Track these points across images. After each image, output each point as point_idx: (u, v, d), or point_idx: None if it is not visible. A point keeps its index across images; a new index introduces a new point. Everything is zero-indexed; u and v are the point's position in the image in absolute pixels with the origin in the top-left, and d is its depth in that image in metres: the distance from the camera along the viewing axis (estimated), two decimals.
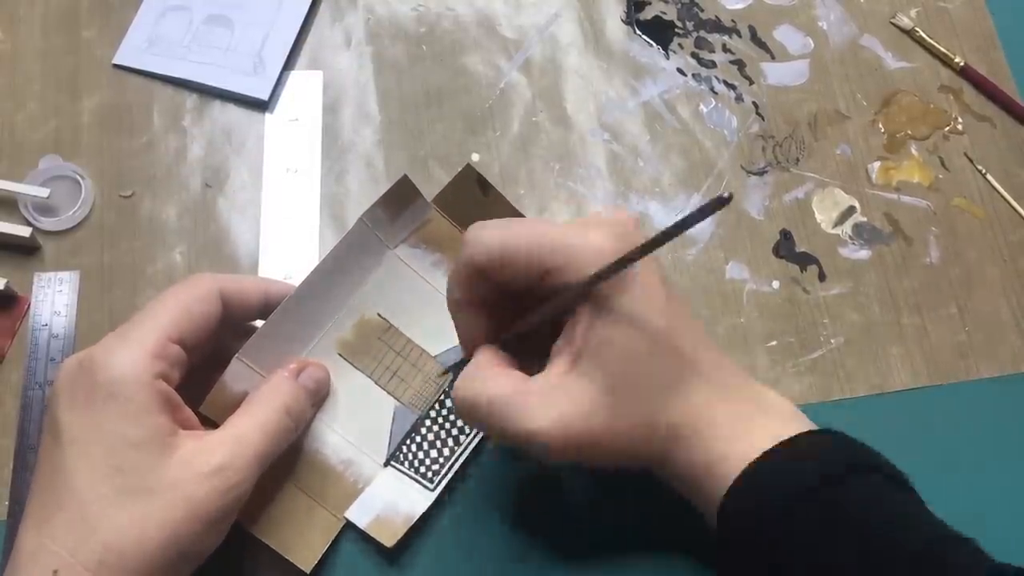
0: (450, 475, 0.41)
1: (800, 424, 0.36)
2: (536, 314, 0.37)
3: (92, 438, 0.33)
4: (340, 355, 0.42)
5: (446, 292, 0.38)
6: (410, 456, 0.42)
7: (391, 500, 0.41)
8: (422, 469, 0.41)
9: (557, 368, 0.35)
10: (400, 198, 0.42)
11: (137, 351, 0.34)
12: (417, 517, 0.40)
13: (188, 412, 0.37)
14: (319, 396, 0.41)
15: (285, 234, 0.46)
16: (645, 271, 0.35)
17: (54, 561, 0.32)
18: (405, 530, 0.40)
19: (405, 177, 0.42)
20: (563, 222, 0.36)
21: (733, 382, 0.37)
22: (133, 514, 0.33)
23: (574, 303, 0.35)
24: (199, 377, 0.38)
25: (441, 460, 0.41)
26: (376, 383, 0.42)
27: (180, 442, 0.34)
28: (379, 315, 0.43)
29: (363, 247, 0.42)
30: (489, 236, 0.35)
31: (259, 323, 0.40)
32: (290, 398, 0.39)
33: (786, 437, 0.34)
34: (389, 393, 0.42)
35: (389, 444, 0.42)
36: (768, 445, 0.34)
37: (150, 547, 0.33)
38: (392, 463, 0.42)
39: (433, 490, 0.41)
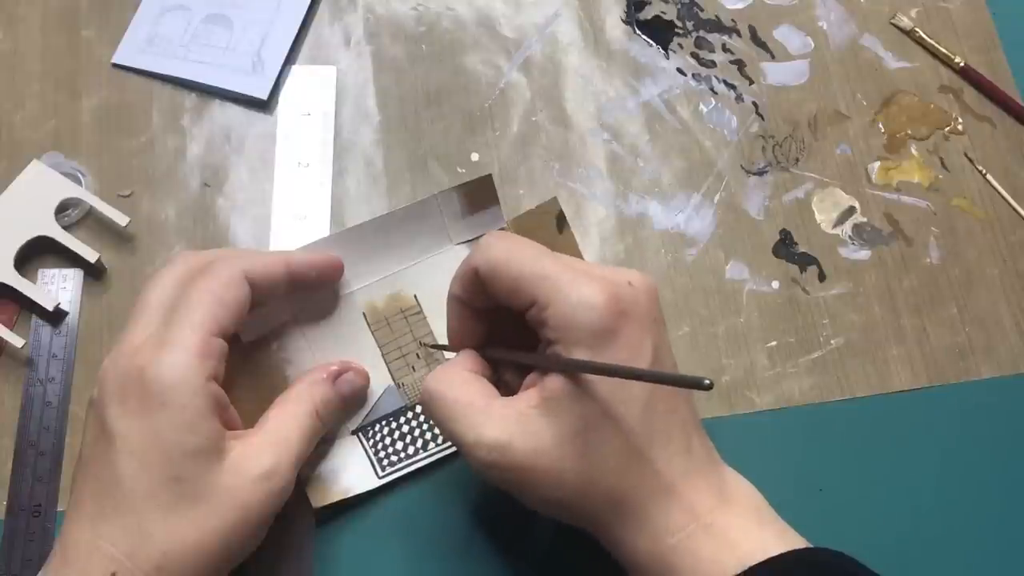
0: (402, 472, 0.41)
1: (772, 533, 0.34)
2: (515, 356, 0.37)
3: (149, 448, 0.33)
4: (364, 314, 0.42)
5: (449, 286, 0.38)
6: (377, 436, 0.42)
7: (337, 467, 0.41)
8: (381, 454, 0.42)
9: (525, 400, 0.34)
10: (478, 195, 0.43)
11: (184, 355, 0.34)
12: (352, 494, 0.41)
13: (232, 410, 0.37)
14: (352, 402, 0.42)
15: (296, 228, 0.46)
16: (636, 358, 0.34)
17: (111, 564, 0.32)
18: (336, 499, 0.40)
19: (488, 176, 0.43)
20: (572, 262, 0.35)
21: (703, 494, 0.34)
22: (190, 521, 0.33)
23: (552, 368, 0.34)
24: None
25: (403, 455, 0.42)
26: (383, 356, 0.42)
27: (229, 446, 0.35)
28: (415, 297, 0.43)
29: (427, 226, 0.43)
30: (496, 249, 0.35)
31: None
32: (324, 402, 0.39)
33: (763, 556, 0.32)
34: (390, 371, 0.42)
35: (366, 416, 0.42)
36: (732, 566, 0.32)
37: (205, 552, 0.33)
38: (359, 434, 0.42)
39: (380, 478, 0.41)
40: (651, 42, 0.52)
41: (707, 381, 0.27)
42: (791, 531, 0.35)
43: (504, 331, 0.38)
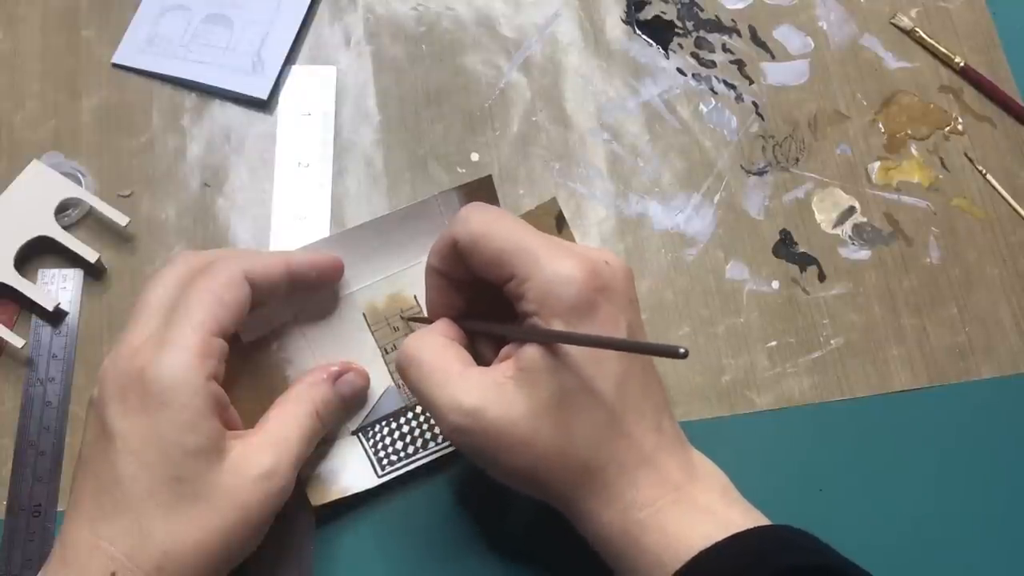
0: (402, 471, 0.41)
1: (738, 511, 0.34)
2: (493, 327, 0.37)
3: (149, 448, 0.33)
4: (364, 315, 0.42)
5: (427, 257, 0.38)
6: (377, 436, 0.42)
7: (337, 467, 0.41)
8: (381, 454, 0.42)
9: (501, 370, 0.35)
10: (478, 196, 0.43)
11: (184, 355, 0.33)
12: (351, 493, 0.41)
13: (232, 410, 0.37)
14: (353, 403, 0.41)
15: (296, 228, 0.46)
16: (612, 334, 0.34)
17: (111, 563, 0.32)
18: (335, 498, 0.40)
19: (488, 177, 0.43)
20: (550, 238, 0.36)
21: (672, 462, 0.35)
22: (190, 521, 0.33)
23: (530, 340, 0.34)
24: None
25: (403, 454, 0.42)
26: (383, 356, 0.42)
27: (229, 445, 0.35)
28: (415, 297, 0.43)
29: (428, 226, 0.43)
30: (475, 221, 0.36)
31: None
32: (324, 403, 0.39)
33: (720, 535, 0.32)
34: (390, 372, 0.42)
35: (366, 416, 0.42)
36: (698, 541, 0.32)
37: (205, 552, 0.33)
38: (359, 434, 0.42)
39: (380, 476, 0.41)
40: (651, 42, 0.52)
41: (682, 350, 0.27)
42: (756, 510, 0.35)
43: (482, 303, 0.38)
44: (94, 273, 0.45)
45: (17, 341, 0.42)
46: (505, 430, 0.33)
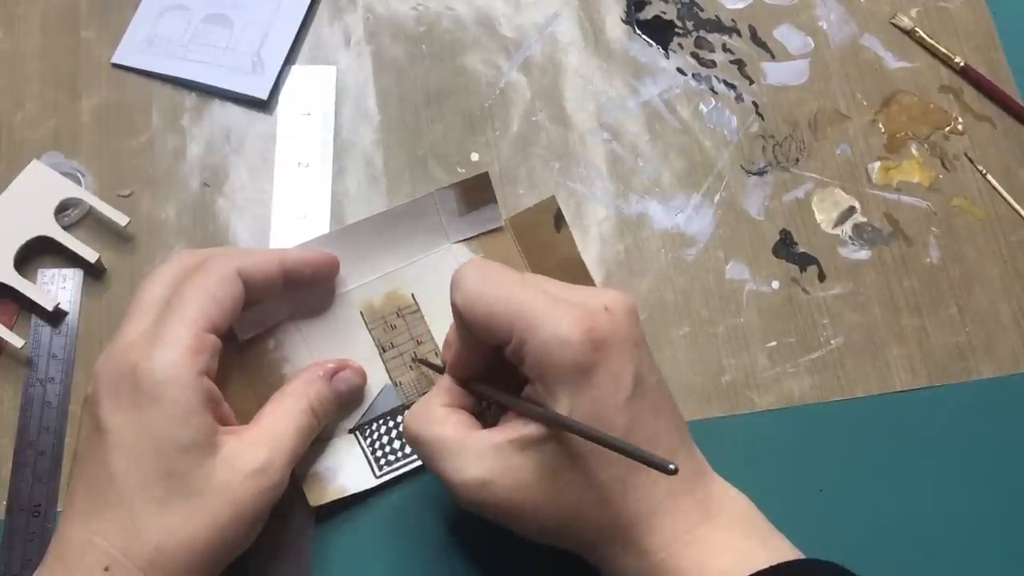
0: (399, 472, 0.41)
1: (759, 544, 0.34)
2: (496, 394, 0.37)
3: (141, 443, 0.33)
4: (361, 313, 0.42)
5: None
6: (375, 435, 0.42)
7: (334, 465, 0.41)
8: (379, 453, 0.42)
9: (503, 433, 0.34)
10: (475, 193, 0.43)
11: (176, 351, 0.34)
12: (349, 493, 0.41)
13: (226, 406, 0.37)
14: (349, 400, 0.41)
15: (296, 229, 0.46)
16: (617, 389, 0.33)
17: (105, 559, 0.32)
18: (333, 498, 0.40)
19: (485, 174, 0.43)
20: (547, 291, 0.34)
21: (687, 503, 0.34)
22: (183, 516, 0.33)
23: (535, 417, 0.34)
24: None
25: (400, 454, 0.42)
26: (380, 355, 0.42)
27: (222, 441, 0.35)
28: (412, 295, 0.43)
29: (424, 225, 0.43)
30: (468, 283, 0.35)
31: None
32: (319, 399, 0.39)
33: (755, 568, 0.32)
34: (387, 370, 0.42)
35: (363, 414, 0.42)
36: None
37: (198, 547, 0.33)
38: (356, 432, 0.42)
39: (377, 477, 0.41)
40: (651, 42, 0.52)
41: (672, 466, 0.28)
42: (778, 540, 0.34)
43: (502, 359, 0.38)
44: (94, 273, 0.45)
45: (17, 341, 0.42)
46: (515, 498, 0.34)
